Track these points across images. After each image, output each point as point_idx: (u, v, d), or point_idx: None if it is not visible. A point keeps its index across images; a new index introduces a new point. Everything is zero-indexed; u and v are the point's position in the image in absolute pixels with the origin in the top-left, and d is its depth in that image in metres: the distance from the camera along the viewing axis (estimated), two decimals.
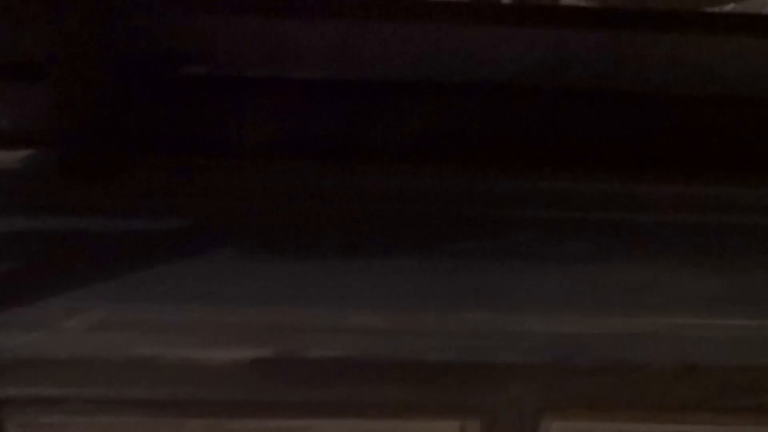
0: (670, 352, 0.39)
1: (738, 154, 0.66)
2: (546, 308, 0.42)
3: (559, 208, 0.57)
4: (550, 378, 0.38)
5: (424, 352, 0.39)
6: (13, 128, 0.73)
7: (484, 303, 0.43)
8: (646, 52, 0.64)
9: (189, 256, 0.49)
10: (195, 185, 0.63)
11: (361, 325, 0.41)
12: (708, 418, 0.39)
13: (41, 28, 0.62)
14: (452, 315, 0.42)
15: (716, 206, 0.59)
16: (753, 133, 0.66)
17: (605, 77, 0.64)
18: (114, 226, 0.54)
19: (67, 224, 0.53)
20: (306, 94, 0.69)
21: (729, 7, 0.63)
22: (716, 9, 0.63)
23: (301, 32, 0.66)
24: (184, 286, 0.45)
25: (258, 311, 0.42)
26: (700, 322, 0.42)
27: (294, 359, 0.38)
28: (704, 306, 0.44)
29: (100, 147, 0.70)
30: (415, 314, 0.42)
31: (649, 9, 0.63)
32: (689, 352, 0.39)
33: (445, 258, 0.49)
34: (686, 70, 0.64)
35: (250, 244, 0.51)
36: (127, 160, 0.69)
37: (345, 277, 0.46)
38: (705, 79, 0.65)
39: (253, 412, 0.39)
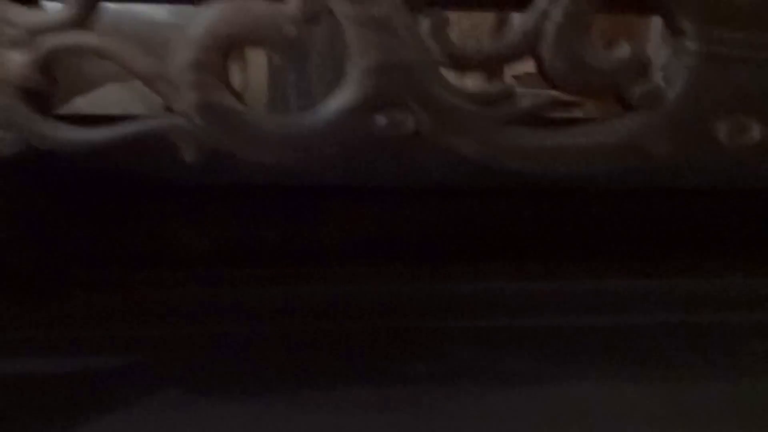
0: None
1: (683, 246, 0.68)
2: None
3: (498, 313, 0.58)
4: None
5: None
6: None
7: None
8: None
9: (133, 397, 0.48)
10: (138, 307, 0.62)
11: None
12: None
13: None
14: None
15: (661, 304, 0.61)
16: (692, 224, 0.69)
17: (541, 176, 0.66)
18: (54, 365, 0.52)
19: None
20: (249, 201, 0.70)
21: None
22: None
23: None
24: None
25: None
26: None
27: None
28: (646, 426, 0.45)
29: (42, 264, 0.69)
30: None
31: None
32: None
33: (388, 385, 0.49)
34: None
35: (195, 379, 0.51)
36: (69, 279, 0.68)
37: (289, 412, 0.46)
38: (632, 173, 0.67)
39: None
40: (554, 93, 0.34)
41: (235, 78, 0.32)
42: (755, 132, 0.34)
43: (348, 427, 0.44)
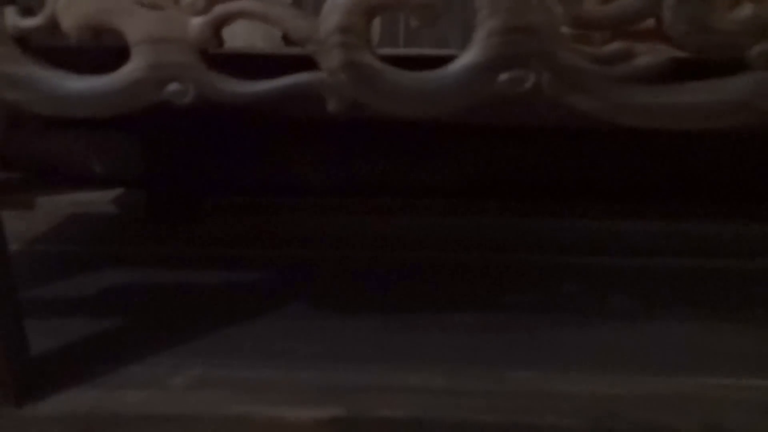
0: (703, 416, 0.43)
1: None
2: (587, 368, 0.47)
3: (604, 252, 0.61)
4: None
5: (480, 412, 0.44)
6: (106, 172, 0.82)
7: (532, 361, 0.48)
8: None
9: (267, 311, 0.56)
10: (266, 231, 0.70)
11: (422, 384, 0.47)
12: None
13: None
14: (503, 374, 0.47)
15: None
16: None
17: None
18: (197, 277, 0.61)
19: (154, 276, 0.61)
20: (362, 137, 0.75)
21: None
22: None
23: None
24: (265, 343, 0.52)
25: (329, 371, 0.48)
26: (734, 382, 0.46)
27: (367, 419, 0.44)
28: (741, 366, 0.47)
29: (183, 190, 0.78)
30: (469, 374, 0.47)
31: None
32: (719, 416, 0.43)
33: (494, 312, 0.54)
34: None
35: (317, 298, 0.58)
36: (206, 204, 0.77)
37: (403, 333, 0.52)
38: None
39: None
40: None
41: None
42: None
43: (451, 345, 0.50)
